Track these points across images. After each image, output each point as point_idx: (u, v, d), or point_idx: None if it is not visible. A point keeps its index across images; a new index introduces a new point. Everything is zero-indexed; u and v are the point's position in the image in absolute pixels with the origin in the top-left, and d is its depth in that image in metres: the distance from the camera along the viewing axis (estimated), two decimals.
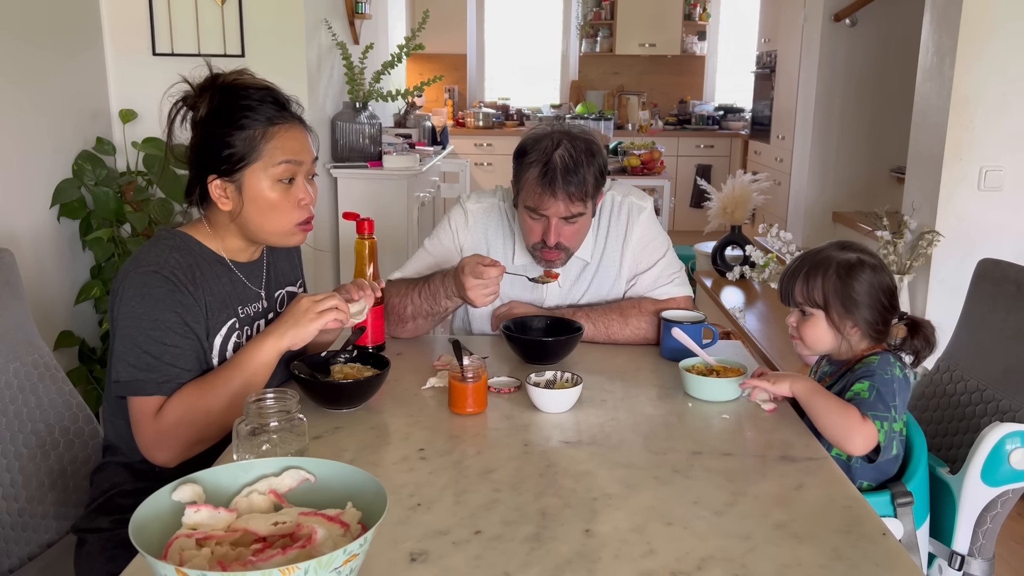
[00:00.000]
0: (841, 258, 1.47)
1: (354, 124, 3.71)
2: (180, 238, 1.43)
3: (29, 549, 1.52)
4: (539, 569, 0.99)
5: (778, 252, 3.55)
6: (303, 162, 1.42)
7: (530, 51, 7.88)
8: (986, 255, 1.82)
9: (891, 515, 1.43)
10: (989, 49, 2.84)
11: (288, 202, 1.42)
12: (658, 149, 5.51)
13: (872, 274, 1.45)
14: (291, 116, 1.43)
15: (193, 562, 0.85)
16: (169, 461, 1.36)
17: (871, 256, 1.49)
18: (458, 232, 1.90)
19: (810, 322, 1.49)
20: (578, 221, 1.74)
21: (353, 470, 0.98)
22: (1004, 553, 2.46)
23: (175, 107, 1.42)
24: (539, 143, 1.72)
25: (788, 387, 1.42)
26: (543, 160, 1.68)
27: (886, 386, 1.39)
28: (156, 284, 1.35)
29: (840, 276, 1.45)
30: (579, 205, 1.71)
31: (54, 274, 2.77)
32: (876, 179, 4.75)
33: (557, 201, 1.68)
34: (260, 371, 1.39)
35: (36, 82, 2.66)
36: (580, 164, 1.68)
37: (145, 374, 1.33)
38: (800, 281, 1.49)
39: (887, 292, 1.47)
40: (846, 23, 4.61)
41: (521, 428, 1.40)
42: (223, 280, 1.45)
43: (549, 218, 1.71)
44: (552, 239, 1.73)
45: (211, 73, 1.43)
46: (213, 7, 3.14)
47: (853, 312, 1.45)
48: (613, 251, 1.89)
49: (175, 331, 1.35)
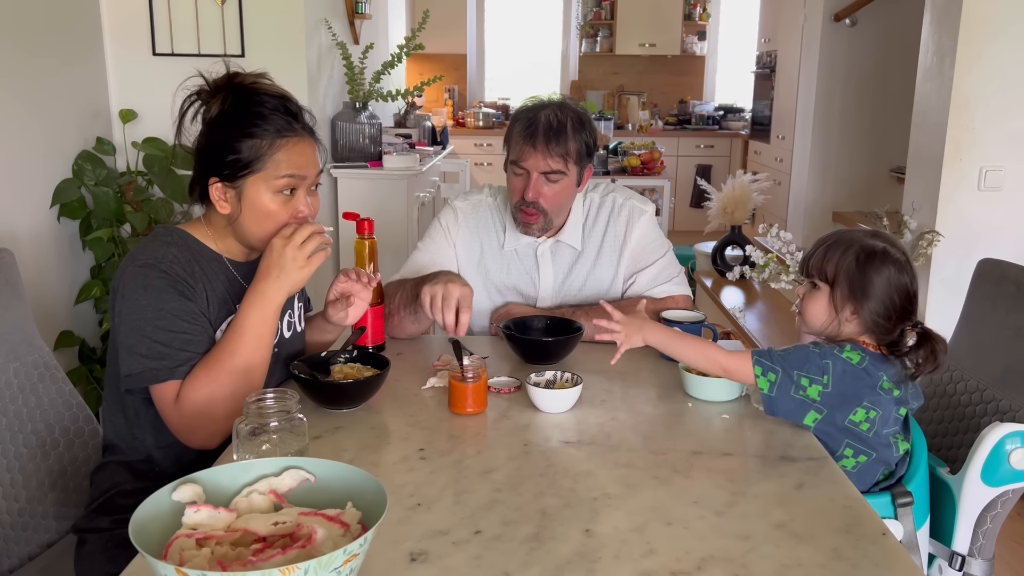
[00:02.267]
0: (867, 243, 1.42)
1: (354, 124, 3.71)
2: (178, 235, 1.43)
3: (29, 549, 1.52)
4: (539, 569, 0.99)
5: (778, 252, 3.54)
6: (306, 176, 1.42)
7: (530, 51, 7.88)
8: (986, 255, 1.82)
9: (891, 516, 1.43)
10: (989, 49, 2.84)
11: (286, 214, 1.41)
12: (658, 149, 5.51)
13: (892, 269, 1.40)
14: (301, 128, 1.42)
15: (193, 562, 0.85)
16: (206, 443, 1.35)
17: (899, 252, 1.43)
18: (449, 229, 1.94)
19: (814, 296, 1.45)
20: (559, 182, 1.79)
21: (353, 470, 0.98)
22: (1004, 553, 2.46)
23: (188, 100, 1.41)
24: (530, 106, 1.81)
25: (641, 339, 1.45)
26: (529, 117, 1.78)
27: (803, 353, 1.39)
28: (155, 278, 1.34)
29: (859, 259, 1.41)
30: (559, 162, 1.76)
31: (54, 274, 2.77)
32: (876, 179, 4.75)
33: (536, 153, 1.75)
34: (264, 334, 1.38)
35: (36, 82, 2.66)
36: (564, 126, 1.76)
37: (158, 362, 1.32)
38: (820, 251, 1.45)
39: (901, 292, 1.41)
40: (846, 23, 4.60)
41: (521, 428, 1.40)
42: (221, 278, 1.45)
43: (529, 172, 1.77)
44: (531, 194, 1.78)
45: (229, 71, 1.41)
46: (213, 7, 3.14)
47: (858, 297, 1.40)
48: (611, 251, 1.90)
49: (182, 318, 1.35)
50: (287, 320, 1.56)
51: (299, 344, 1.60)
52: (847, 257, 1.42)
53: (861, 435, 1.40)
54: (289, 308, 1.58)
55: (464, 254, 1.92)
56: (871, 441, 1.40)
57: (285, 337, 1.54)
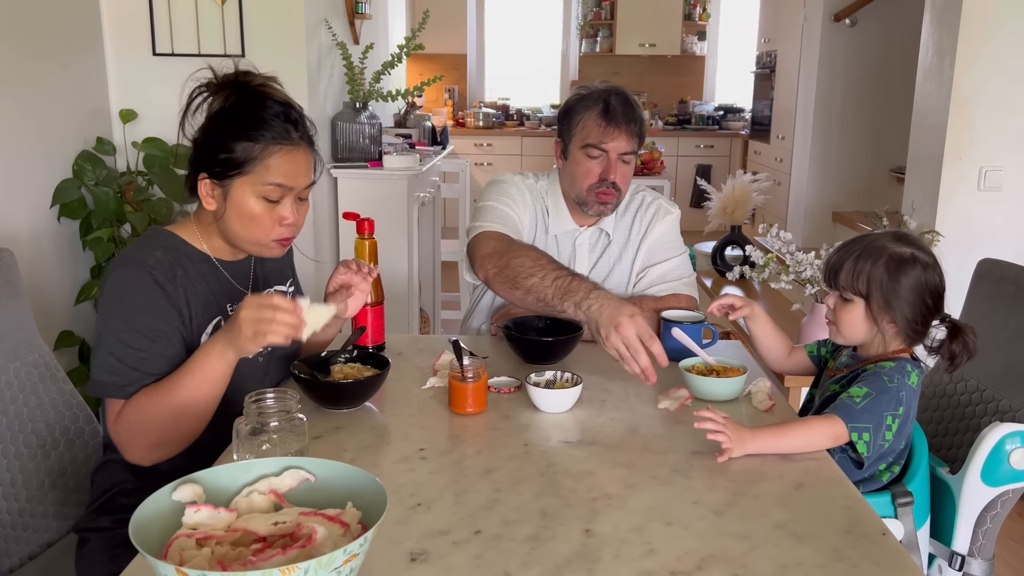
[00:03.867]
0: (895, 250, 1.41)
1: (354, 124, 3.71)
2: (166, 237, 1.43)
3: (29, 549, 1.52)
4: (539, 569, 0.99)
5: (778, 252, 3.54)
6: (294, 187, 1.41)
7: (530, 51, 7.88)
8: (986, 255, 1.82)
9: (891, 515, 1.43)
10: (989, 49, 2.84)
11: (270, 218, 1.40)
12: (658, 149, 5.51)
13: (923, 272, 1.40)
14: (299, 138, 1.41)
15: (193, 562, 0.85)
16: (139, 461, 1.35)
17: (926, 254, 1.43)
18: (519, 195, 1.93)
19: (848, 309, 1.44)
20: (630, 162, 1.84)
21: (353, 470, 0.98)
22: (1004, 553, 2.47)
23: (197, 91, 1.40)
24: (592, 93, 1.84)
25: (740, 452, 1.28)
26: (602, 99, 1.81)
27: (886, 395, 1.35)
28: (131, 284, 1.33)
29: (889, 269, 1.40)
30: (635, 142, 1.83)
31: (54, 274, 2.77)
32: (876, 179, 4.75)
33: (620, 133, 1.80)
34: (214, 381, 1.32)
35: (36, 82, 2.66)
36: (634, 108, 1.83)
37: (109, 376, 1.32)
38: (849, 263, 1.43)
39: (933, 293, 1.41)
40: (846, 23, 4.61)
41: (521, 428, 1.40)
42: (208, 279, 1.44)
43: (609, 154, 1.81)
44: (612, 174, 1.82)
45: (240, 70, 1.41)
46: (213, 7, 3.14)
47: (894, 307, 1.40)
48: (633, 244, 1.95)
49: (143, 334, 1.33)
50: None
51: (294, 344, 1.60)
52: (878, 268, 1.40)
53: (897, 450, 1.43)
54: None
55: (526, 227, 1.93)
56: (893, 446, 1.41)
57: None
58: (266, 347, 1.38)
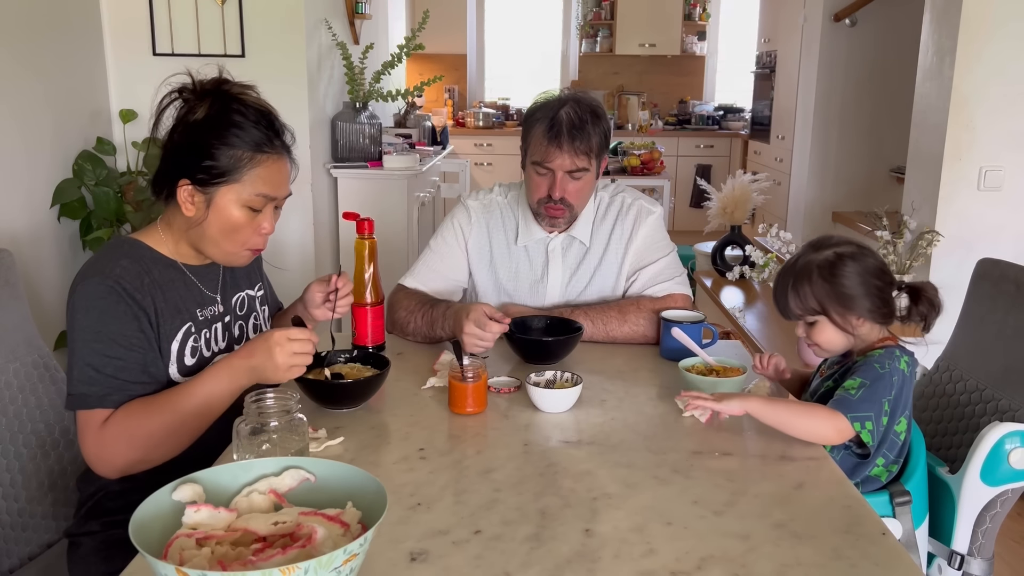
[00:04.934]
0: (819, 259, 1.45)
1: (354, 124, 3.71)
2: (130, 245, 1.41)
3: (29, 549, 1.52)
4: (539, 569, 0.99)
5: (778, 252, 3.54)
6: (277, 197, 1.41)
7: (530, 51, 7.88)
8: (986, 255, 1.82)
9: (890, 515, 1.43)
10: (989, 49, 2.83)
11: (250, 228, 1.40)
12: (658, 149, 5.51)
13: (855, 263, 1.43)
14: (281, 147, 1.41)
15: (193, 562, 0.85)
16: (109, 473, 1.32)
17: (847, 245, 1.46)
18: (462, 229, 1.94)
19: (818, 328, 1.47)
20: (582, 178, 1.80)
21: (353, 470, 0.98)
22: (1004, 553, 2.46)
23: (168, 96, 1.40)
24: (547, 104, 1.80)
25: (738, 406, 1.36)
26: (549, 116, 1.77)
27: (880, 381, 1.37)
28: (100, 295, 1.32)
29: (825, 278, 1.43)
30: (583, 159, 1.77)
31: (54, 274, 2.77)
32: (876, 179, 4.75)
33: (563, 153, 1.75)
34: (215, 404, 1.34)
35: (36, 82, 2.66)
36: (585, 122, 1.77)
37: (87, 387, 1.30)
38: (791, 295, 1.47)
39: (876, 272, 1.44)
40: (846, 23, 4.60)
41: (521, 428, 1.40)
42: (177, 284, 1.42)
43: (554, 172, 1.78)
44: (557, 192, 1.79)
45: (220, 76, 1.40)
46: (213, 7, 3.14)
47: (852, 307, 1.43)
48: (616, 249, 1.91)
49: (118, 343, 1.32)
50: (252, 323, 1.57)
51: None
52: (816, 283, 1.44)
53: (897, 444, 1.43)
54: (254, 312, 1.58)
55: (476, 254, 1.93)
56: (891, 433, 1.41)
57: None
58: None
